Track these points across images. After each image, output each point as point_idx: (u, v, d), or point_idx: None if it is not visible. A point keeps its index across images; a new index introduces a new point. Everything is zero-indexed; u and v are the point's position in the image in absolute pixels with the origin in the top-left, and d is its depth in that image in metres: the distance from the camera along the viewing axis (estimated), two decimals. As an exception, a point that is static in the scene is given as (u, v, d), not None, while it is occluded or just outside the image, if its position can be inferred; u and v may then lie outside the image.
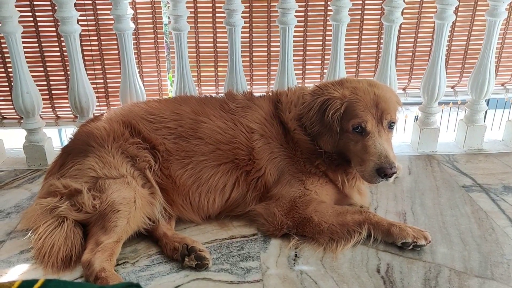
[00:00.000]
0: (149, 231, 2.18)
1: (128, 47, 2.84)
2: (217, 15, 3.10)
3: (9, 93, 3.14)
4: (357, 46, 3.29)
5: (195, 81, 3.14)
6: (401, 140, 3.34)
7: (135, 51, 3.08)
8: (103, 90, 3.26)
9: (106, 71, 3.20)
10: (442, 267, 1.97)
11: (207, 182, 2.26)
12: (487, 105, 3.18)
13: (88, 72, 3.02)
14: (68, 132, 4.75)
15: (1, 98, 3.23)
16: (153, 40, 3.16)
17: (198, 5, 3.07)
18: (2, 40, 2.98)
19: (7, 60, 3.07)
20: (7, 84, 3.17)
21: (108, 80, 3.23)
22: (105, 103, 3.30)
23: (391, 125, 2.20)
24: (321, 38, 3.24)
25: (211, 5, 3.08)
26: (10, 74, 3.07)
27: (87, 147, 2.23)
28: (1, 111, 3.28)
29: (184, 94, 2.91)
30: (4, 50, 3.04)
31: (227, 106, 2.41)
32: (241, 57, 2.94)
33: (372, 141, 2.12)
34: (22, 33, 2.75)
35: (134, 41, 3.07)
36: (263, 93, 2.56)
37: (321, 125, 2.20)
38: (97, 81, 3.21)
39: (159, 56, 3.21)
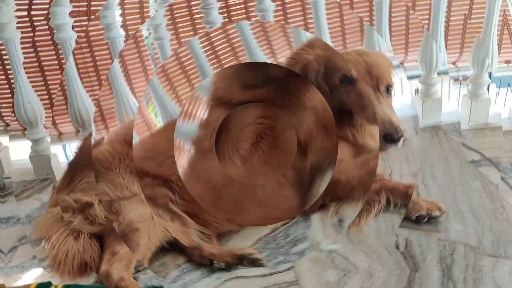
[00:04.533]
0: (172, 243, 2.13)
1: (116, 67, 2.76)
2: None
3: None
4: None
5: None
6: (402, 102, 3.21)
7: (122, 68, 3.01)
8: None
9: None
10: (456, 244, 1.96)
11: None
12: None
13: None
14: (73, 147, 4.72)
15: (5, 105, 3.22)
16: (137, 55, 3.08)
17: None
18: (3, 52, 2.95)
19: (9, 71, 3.05)
20: (10, 95, 3.16)
21: (102, 103, 3.13)
22: (103, 126, 3.20)
23: (388, 89, 2.19)
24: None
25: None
26: (12, 86, 3.05)
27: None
28: (6, 119, 3.27)
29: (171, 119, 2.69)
30: (6, 62, 3.02)
31: None
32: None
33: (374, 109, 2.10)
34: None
35: (120, 59, 2.99)
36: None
37: None
38: (94, 92, 3.15)
39: (147, 69, 3.12)
